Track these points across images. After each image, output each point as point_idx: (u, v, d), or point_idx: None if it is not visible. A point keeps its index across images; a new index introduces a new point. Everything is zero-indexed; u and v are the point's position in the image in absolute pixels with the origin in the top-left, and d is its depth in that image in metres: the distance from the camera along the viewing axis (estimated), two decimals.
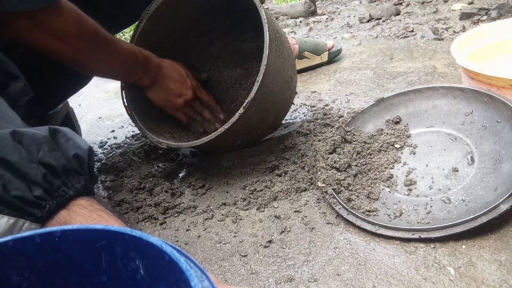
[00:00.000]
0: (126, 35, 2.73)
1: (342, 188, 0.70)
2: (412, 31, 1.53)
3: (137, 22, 0.93)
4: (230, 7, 0.95)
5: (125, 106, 0.89)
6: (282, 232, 0.68)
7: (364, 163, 0.74)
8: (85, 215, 0.49)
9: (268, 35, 0.73)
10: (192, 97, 0.93)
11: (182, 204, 0.80)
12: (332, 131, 0.82)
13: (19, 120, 0.53)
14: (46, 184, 0.48)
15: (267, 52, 0.73)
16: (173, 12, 0.93)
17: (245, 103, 0.73)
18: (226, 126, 0.74)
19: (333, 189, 0.69)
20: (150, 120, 0.91)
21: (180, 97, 0.91)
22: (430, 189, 0.68)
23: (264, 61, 0.73)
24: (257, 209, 0.75)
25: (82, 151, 0.53)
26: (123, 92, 0.90)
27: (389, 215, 0.65)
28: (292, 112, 1.09)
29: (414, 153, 0.76)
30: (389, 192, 0.70)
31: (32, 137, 0.49)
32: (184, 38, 1.01)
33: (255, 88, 0.73)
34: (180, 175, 0.92)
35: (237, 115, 0.73)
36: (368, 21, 1.80)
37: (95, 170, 0.98)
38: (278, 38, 0.79)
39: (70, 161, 0.51)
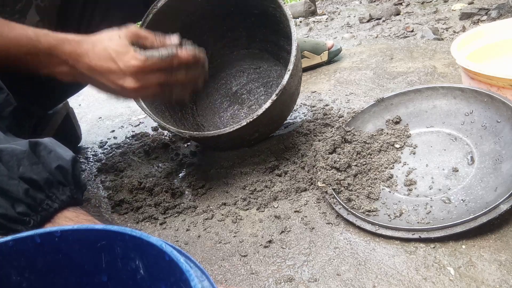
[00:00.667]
0: None
1: (342, 188, 0.70)
2: (412, 31, 1.53)
3: (140, 21, 0.93)
4: (227, 12, 0.96)
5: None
6: (282, 232, 0.68)
7: (364, 163, 0.74)
8: None
9: (295, 31, 0.77)
10: (139, 64, 0.63)
11: (182, 204, 0.80)
12: (332, 131, 0.82)
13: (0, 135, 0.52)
14: (29, 199, 0.47)
15: (296, 45, 0.77)
16: (175, 13, 0.93)
17: (277, 90, 0.76)
18: (255, 115, 0.76)
19: (333, 189, 0.69)
20: (156, 113, 0.90)
21: (123, 74, 0.63)
22: (430, 189, 0.68)
23: (293, 53, 0.77)
24: (257, 209, 0.75)
25: (65, 161, 0.52)
26: None
27: (389, 215, 0.65)
28: (292, 112, 1.09)
29: (414, 153, 0.76)
30: (389, 192, 0.70)
31: (11, 153, 0.48)
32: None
33: (286, 76, 0.76)
34: (180, 175, 0.92)
35: (269, 102, 0.76)
36: (368, 21, 1.80)
37: (95, 170, 0.98)
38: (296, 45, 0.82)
39: (53, 173, 0.51)
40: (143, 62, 0.62)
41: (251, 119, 0.76)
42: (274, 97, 0.76)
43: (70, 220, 0.50)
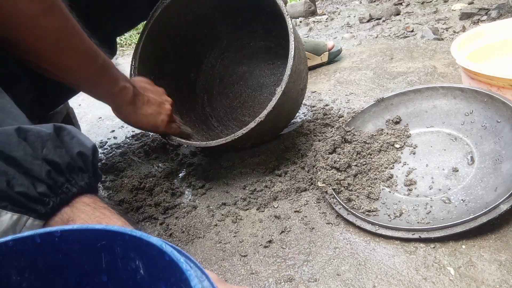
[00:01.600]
0: (126, 35, 2.73)
1: (342, 188, 0.70)
2: (412, 31, 1.53)
3: (145, 20, 0.93)
4: (242, 5, 0.96)
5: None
6: (282, 232, 0.68)
7: (364, 163, 0.74)
8: (88, 213, 0.49)
9: (293, 46, 0.74)
10: (171, 110, 0.85)
11: (182, 204, 0.80)
12: (332, 131, 0.82)
13: (24, 118, 0.53)
14: (50, 181, 0.48)
15: (292, 63, 0.74)
16: (187, 4, 0.94)
17: (264, 113, 0.73)
18: (243, 131, 0.74)
19: (333, 189, 0.69)
20: None
21: (165, 107, 0.83)
22: (430, 189, 0.68)
23: (288, 71, 0.74)
24: (257, 209, 0.75)
25: (86, 149, 0.53)
26: None
27: (389, 215, 0.65)
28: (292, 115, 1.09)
29: (414, 153, 0.76)
30: (389, 192, 0.70)
31: (37, 134, 0.49)
32: (194, 29, 1.02)
33: (275, 98, 0.73)
34: (180, 175, 0.92)
35: (256, 121, 0.74)
36: (368, 21, 1.80)
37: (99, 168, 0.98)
38: (300, 46, 0.81)
39: (74, 158, 0.51)
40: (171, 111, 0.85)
41: (234, 137, 0.74)
42: (261, 117, 0.73)
43: (87, 205, 0.50)
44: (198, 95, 1.10)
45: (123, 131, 1.23)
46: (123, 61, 2.07)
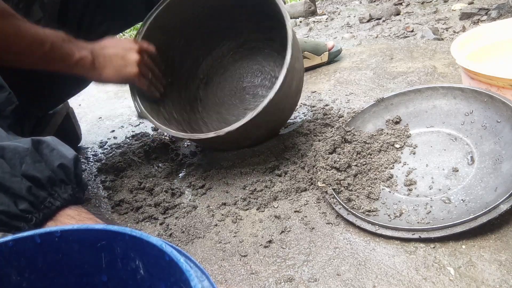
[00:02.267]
0: (126, 34, 2.73)
1: (342, 188, 0.70)
2: (412, 31, 1.53)
3: (141, 21, 0.93)
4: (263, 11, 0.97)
5: (135, 104, 0.89)
6: (282, 232, 0.68)
7: (364, 163, 0.74)
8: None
9: (291, 45, 0.75)
10: (139, 58, 0.84)
11: (182, 204, 0.80)
12: (332, 131, 0.82)
13: (2, 133, 0.52)
14: (31, 197, 0.48)
15: (289, 60, 0.74)
16: (189, 5, 0.95)
17: (263, 103, 0.74)
18: (237, 124, 0.75)
19: (333, 189, 0.69)
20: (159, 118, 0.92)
21: (129, 62, 0.82)
22: (430, 189, 0.68)
23: (285, 69, 0.74)
24: (257, 209, 0.75)
25: (67, 160, 0.53)
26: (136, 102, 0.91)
27: (389, 215, 0.65)
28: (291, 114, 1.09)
29: (414, 153, 0.76)
30: (389, 192, 0.70)
31: (14, 150, 0.49)
32: (217, 18, 1.02)
33: (272, 92, 0.74)
34: (180, 175, 0.92)
35: (253, 114, 0.75)
36: (368, 21, 1.80)
37: (95, 170, 0.98)
38: (296, 47, 0.81)
39: (55, 171, 0.51)
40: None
41: (222, 133, 0.75)
42: (256, 111, 0.74)
43: (72, 218, 0.50)
44: (197, 76, 1.10)
45: (123, 131, 1.23)
46: None
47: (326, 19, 2.04)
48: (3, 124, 0.54)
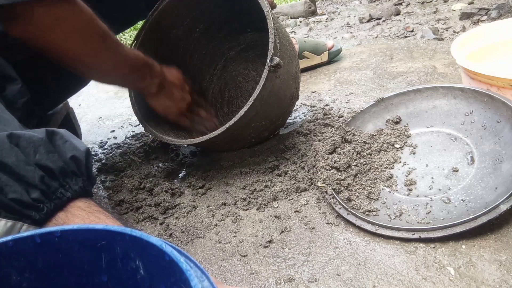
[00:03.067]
0: (126, 34, 2.73)
1: (342, 188, 0.70)
2: (412, 31, 1.53)
3: (142, 20, 0.94)
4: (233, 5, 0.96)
5: (135, 112, 0.91)
6: (282, 232, 0.68)
7: (364, 163, 0.74)
8: (83, 217, 0.49)
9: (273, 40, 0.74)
10: (191, 101, 0.94)
11: (182, 204, 0.80)
12: (332, 131, 0.82)
13: (16, 123, 0.53)
14: (44, 186, 0.48)
15: (271, 55, 0.73)
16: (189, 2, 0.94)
17: (248, 103, 0.74)
18: (230, 123, 0.75)
19: (333, 189, 0.69)
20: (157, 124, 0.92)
21: (183, 101, 0.92)
22: (430, 189, 0.68)
23: (267, 66, 0.73)
24: (257, 209, 0.75)
25: (79, 152, 0.53)
26: (134, 107, 0.91)
27: (389, 215, 0.65)
28: (292, 112, 1.09)
29: (414, 153, 0.76)
30: (389, 192, 0.70)
31: (29, 139, 0.49)
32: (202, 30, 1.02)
33: (257, 89, 0.73)
34: (180, 175, 0.92)
35: (240, 113, 0.74)
36: (368, 21, 1.80)
37: (95, 170, 0.98)
38: (283, 42, 0.79)
39: (68, 163, 0.51)
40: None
41: (222, 130, 0.75)
42: (245, 108, 0.74)
43: (82, 210, 0.50)
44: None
45: (123, 131, 1.23)
46: None
47: (326, 19, 2.04)
48: (15, 116, 0.55)
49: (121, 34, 2.55)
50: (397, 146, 0.78)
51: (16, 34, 0.61)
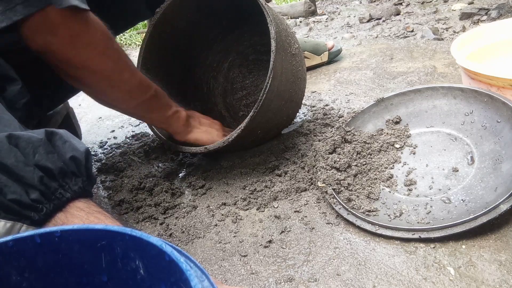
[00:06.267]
0: (126, 34, 2.73)
1: (342, 188, 0.70)
2: (412, 31, 1.53)
3: (143, 20, 0.94)
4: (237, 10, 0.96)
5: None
6: (282, 232, 0.68)
7: (364, 163, 0.74)
8: (82, 218, 0.49)
9: (275, 42, 0.74)
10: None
11: (182, 204, 0.80)
12: (332, 131, 0.82)
13: (16, 123, 0.53)
14: (43, 187, 0.48)
15: (274, 56, 0.73)
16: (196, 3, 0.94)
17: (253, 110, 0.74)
18: (237, 131, 0.75)
19: (333, 189, 0.69)
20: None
21: (215, 124, 0.91)
22: (430, 189, 0.68)
23: (271, 66, 0.73)
24: (257, 209, 0.75)
25: (79, 153, 0.53)
26: None
27: (389, 215, 0.65)
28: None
29: (414, 153, 0.76)
30: (389, 192, 0.70)
31: (28, 140, 0.49)
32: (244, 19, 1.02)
33: (263, 91, 0.74)
34: (180, 175, 0.92)
35: (246, 121, 0.75)
36: (368, 21, 1.80)
37: (95, 170, 0.98)
38: (285, 40, 0.79)
39: (67, 163, 0.51)
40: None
41: (233, 136, 0.76)
42: (250, 115, 0.74)
43: (81, 210, 0.50)
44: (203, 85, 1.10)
45: (123, 131, 1.23)
46: None
47: (326, 19, 2.04)
48: (15, 116, 0.55)
49: (121, 34, 2.54)
50: (397, 146, 0.78)
51: (37, 46, 0.62)
